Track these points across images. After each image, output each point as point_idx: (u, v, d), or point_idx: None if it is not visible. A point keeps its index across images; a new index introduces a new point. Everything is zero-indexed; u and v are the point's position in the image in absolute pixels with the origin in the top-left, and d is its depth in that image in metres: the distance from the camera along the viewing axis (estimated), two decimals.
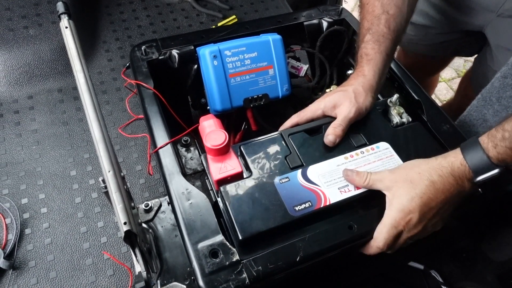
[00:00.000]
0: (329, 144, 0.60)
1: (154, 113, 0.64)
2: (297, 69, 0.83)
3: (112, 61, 1.07)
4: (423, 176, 0.51)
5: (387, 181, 0.53)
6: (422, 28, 1.05)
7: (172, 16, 1.20)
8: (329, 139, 0.60)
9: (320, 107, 0.64)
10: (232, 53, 0.70)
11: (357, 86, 0.63)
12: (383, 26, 0.66)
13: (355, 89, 0.63)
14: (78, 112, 0.97)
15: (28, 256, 0.73)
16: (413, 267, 0.71)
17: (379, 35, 0.66)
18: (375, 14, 0.67)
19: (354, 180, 0.55)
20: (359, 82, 0.63)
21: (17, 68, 0.99)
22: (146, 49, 0.72)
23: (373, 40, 0.66)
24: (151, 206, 0.62)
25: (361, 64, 0.66)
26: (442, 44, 1.07)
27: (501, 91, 0.69)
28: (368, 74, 0.64)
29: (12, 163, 0.86)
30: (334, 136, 0.60)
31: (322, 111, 0.64)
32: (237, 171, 0.56)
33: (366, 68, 0.65)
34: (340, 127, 0.60)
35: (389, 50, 0.67)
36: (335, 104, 0.63)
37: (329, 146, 0.60)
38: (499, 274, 0.71)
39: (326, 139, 0.60)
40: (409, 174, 0.52)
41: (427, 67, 1.22)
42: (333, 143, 0.60)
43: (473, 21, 0.92)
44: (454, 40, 1.04)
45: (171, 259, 0.57)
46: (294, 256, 0.49)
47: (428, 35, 1.06)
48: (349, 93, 0.62)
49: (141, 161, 0.88)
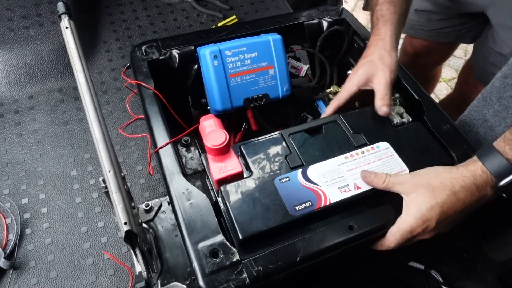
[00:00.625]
0: (385, 114, 0.62)
1: (154, 113, 0.64)
2: (298, 69, 0.83)
3: (112, 61, 1.08)
4: (445, 186, 0.50)
5: (407, 186, 0.52)
6: (425, 14, 1.08)
7: (172, 16, 1.20)
8: (384, 111, 0.61)
9: (354, 84, 0.65)
10: (233, 53, 0.70)
11: (381, 51, 0.65)
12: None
13: (380, 55, 0.64)
14: (79, 112, 0.97)
15: (29, 256, 0.73)
16: (413, 267, 0.71)
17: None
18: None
19: (372, 181, 0.54)
20: (380, 47, 0.65)
21: (18, 68, 0.99)
22: (146, 49, 0.72)
23: (388, 1, 0.68)
24: (151, 206, 0.62)
25: (377, 26, 0.68)
26: (443, 29, 1.09)
27: (501, 91, 0.69)
28: (386, 36, 0.66)
29: (12, 163, 0.86)
30: (386, 106, 0.61)
31: (357, 87, 0.65)
32: (237, 171, 0.56)
33: (383, 30, 0.66)
34: (387, 95, 0.62)
35: (403, 10, 0.69)
36: (368, 77, 0.64)
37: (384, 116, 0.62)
38: (499, 274, 0.71)
39: (381, 111, 0.61)
40: (431, 182, 0.51)
41: (433, 54, 1.24)
42: (389, 113, 0.62)
43: (476, 1, 0.93)
44: (455, 25, 1.07)
45: (172, 259, 0.57)
46: (295, 256, 0.49)
47: (431, 21, 1.08)
48: (376, 62, 0.64)
49: (142, 161, 0.88)
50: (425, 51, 1.20)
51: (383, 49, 0.64)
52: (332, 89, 0.83)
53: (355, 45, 0.81)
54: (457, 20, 1.05)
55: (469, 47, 2.33)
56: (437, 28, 1.10)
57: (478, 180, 0.49)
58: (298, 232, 0.52)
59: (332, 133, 0.62)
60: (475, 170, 0.50)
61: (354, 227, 0.52)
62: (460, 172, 0.51)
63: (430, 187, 0.51)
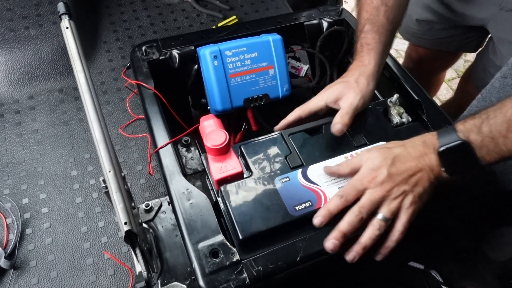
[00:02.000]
0: (336, 133, 0.60)
1: (154, 113, 0.64)
2: (298, 69, 0.83)
3: (112, 62, 1.08)
4: (397, 143, 0.54)
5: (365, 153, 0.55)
6: (426, 24, 1.07)
7: (172, 17, 1.20)
8: (337, 128, 0.59)
9: (323, 99, 0.64)
10: (233, 53, 0.70)
11: (359, 76, 0.63)
12: (382, 17, 0.67)
13: (357, 79, 0.63)
14: (79, 112, 0.97)
15: (29, 256, 0.73)
16: (413, 267, 0.71)
17: (379, 26, 0.67)
18: (374, 5, 0.68)
19: (338, 171, 0.55)
20: (361, 72, 0.64)
21: (18, 69, 0.99)
22: (146, 49, 0.73)
23: (374, 30, 0.66)
24: (151, 206, 0.62)
25: (361, 54, 0.66)
26: (446, 39, 1.09)
27: (501, 91, 0.69)
28: (369, 63, 0.64)
29: (13, 163, 0.86)
30: (341, 125, 0.59)
31: (325, 103, 0.63)
32: (237, 171, 0.56)
33: (367, 58, 0.65)
34: (347, 115, 0.60)
35: (388, 41, 0.68)
36: (338, 96, 0.62)
37: (336, 135, 0.60)
38: (499, 274, 0.71)
39: (334, 128, 0.60)
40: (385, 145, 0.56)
41: (437, 61, 1.24)
42: (341, 132, 0.60)
43: (476, 15, 0.94)
44: (457, 35, 1.06)
45: (172, 259, 0.57)
46: (295, 256, 0.49)
47: (432, 30, 1.08)
48: (351, 83, 0.63)
49: (142, 161, 0.88)
50: (429, 58, 1.20)
51: (363, 75, 0.63)
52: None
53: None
54: (459, 30, 1.04)
55: None
56: (439, 37, 1.09)
57: (426, 141, 0.52)
58: (298, 232, 0.52)
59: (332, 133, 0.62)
60: (426, 134, 0.53)
61: None
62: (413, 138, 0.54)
63: (384, 147, 0.54)
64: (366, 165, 0.53)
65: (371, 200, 0.51)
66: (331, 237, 0.49)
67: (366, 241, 0.50)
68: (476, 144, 0.47)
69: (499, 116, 0.47)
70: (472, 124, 0.49)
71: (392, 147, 0.54)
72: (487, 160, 0.48)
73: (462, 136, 0.48)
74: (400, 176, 0.51)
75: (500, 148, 0.46)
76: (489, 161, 0.48)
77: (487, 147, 0.47)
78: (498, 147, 0.46)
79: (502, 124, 0.46)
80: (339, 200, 0.51)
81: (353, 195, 0.51)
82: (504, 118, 0.46)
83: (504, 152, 0.46)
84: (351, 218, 0.50)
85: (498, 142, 0.46)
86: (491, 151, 0.47)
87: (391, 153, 0.52)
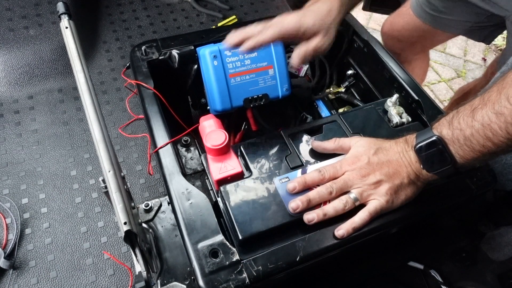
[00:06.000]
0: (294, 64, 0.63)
1: (154, 113, 0.64)
2: (297, 69, 0.83)
3: (112, 61, 1.08)
4: (383, 140, 0.57)
5: (355, 138, 0.58)
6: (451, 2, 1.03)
7: (172, 16, 1.20)
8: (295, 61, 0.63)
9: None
10: (232, 53, 0.70)
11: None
12: None
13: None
14: (78, 112, 0.97)
15: (29, 256, 0.73)
16: (413, 267, 0.71)
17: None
18: None
19: (324, 144, 0.59)
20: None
21: (18, 68, 0.99)
22: (146, 49, 0.73)
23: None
24: (151, 206, 0.62)
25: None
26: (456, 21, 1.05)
27: None
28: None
29: (12, 163, 0.86)
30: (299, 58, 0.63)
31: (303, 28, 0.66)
32: (237, 171, 0.56)
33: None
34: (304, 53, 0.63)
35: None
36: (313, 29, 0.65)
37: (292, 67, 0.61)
38: (499, 274, 0.71)
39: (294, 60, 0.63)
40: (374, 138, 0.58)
41: (428, 39, 1.19)
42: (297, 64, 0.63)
43: (501, 3, 0.92)
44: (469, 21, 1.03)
45: (171, 259, 0.57)
46: (294, 256, 0.49)
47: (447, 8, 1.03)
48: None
49: (141, 161, 0.88)
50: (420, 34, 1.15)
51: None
52: (332, 89, 0.83)
53: (354, 45, 0.82)
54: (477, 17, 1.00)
55: (468, 47, 2.34)
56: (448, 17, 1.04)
57: (408, 139, 0.54)
58: (297, 232, 0.52)
59: (332, 133, 0.62)
60: (409, 135, 0.54)
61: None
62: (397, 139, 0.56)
63: (371, 139, 0.57)
64: (351, 150, 0.56)
65: (344, 179, 0.53)
66: (297, 199, 0.52)
67: (329, 209, 0.52)
68: (448, 138, 0.48)
69: (467, 109, 0.48)
70: (444, 120, 0.50)
71: (381, 140, 0.56)
72: (461, 154, 0.48)
73: (436, 132, 0.50)
74: (379, 166, 0.53)
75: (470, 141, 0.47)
76: (463, 156, 0.48)
77: (458, 140, 0.48)
78: (468, 140, 0.47)
79: (469, 115, 0.47)
80: (317, 173, 0.54)
81: (330, 173, 0.54)
82: (471, 108, 0.47)
83: (474, 145, 0.46)
84: (321, 189, 0.53)
85: (465, 133, 0.47)
86: (462, 144, 0.47)
87: (377, 144, 0.55)
